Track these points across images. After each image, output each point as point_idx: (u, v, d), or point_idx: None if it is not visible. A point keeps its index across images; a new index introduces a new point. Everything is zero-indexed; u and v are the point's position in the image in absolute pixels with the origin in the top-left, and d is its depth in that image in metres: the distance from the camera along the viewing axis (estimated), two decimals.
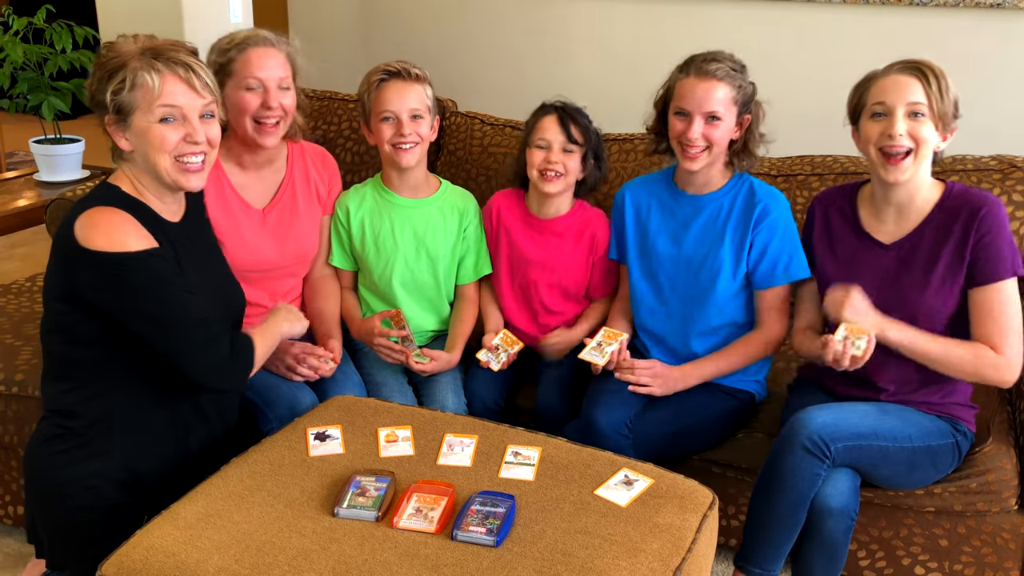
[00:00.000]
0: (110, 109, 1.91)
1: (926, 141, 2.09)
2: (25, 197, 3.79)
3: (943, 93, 2.09)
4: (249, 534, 1.73)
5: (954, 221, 2.14)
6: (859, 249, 2.24)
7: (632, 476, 1.93)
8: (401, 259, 2.56)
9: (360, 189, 2.63)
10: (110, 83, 1.90)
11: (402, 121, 2.46)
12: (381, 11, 4.65)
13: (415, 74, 2.49)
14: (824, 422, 2.05)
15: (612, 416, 2.25)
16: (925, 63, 2.12)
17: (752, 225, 2.33)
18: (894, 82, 2.12)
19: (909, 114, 2.09)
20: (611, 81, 4.04)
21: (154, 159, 1.93)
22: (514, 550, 1.71)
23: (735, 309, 2.41)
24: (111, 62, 1.91)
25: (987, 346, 2.11)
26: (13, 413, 2.55)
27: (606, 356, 2.32)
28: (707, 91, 2.26)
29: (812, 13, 3.75)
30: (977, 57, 3.52)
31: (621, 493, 1.88)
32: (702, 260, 2.38)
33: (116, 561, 1.70)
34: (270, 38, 2.40)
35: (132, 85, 1.89)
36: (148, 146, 1.92)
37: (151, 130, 1.91)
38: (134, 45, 1.93)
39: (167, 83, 1.90)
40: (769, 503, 2.09)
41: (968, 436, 2.22)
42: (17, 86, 3.87)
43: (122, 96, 1.90)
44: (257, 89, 2.34)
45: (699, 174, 2.36)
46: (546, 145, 2.49)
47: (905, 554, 2.33)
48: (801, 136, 3.16)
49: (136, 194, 1.98)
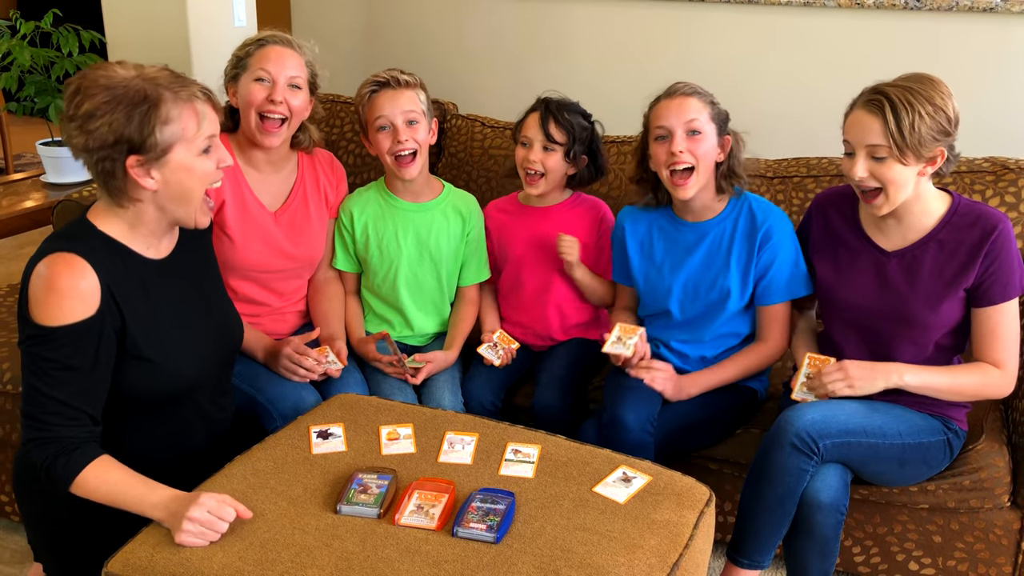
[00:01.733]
0: (146, 148, 1.75)
1: (893, 181, 2.05)
2: (32, 198, 3.81)
3: (905, 129, 1.99)
4: (252, 531, 1.74)
5: (961, 240, 2.11)
6: (860, 253, 2.23)
7: (630, 473, 1.94)
8: (404, 262, 2.58)
9: (363, 193, 2.65)
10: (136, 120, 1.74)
11: (398, 128, 2.47)
12: (384, 16, 4.65)
13: (405, 80, 2.50)
14: (812, 419, 2.06)
15: (639, 413, 2.26)
16: (888, 94, 2.01)
17: (757, 248, 2.34)
18: (857, 120, 2.06)
19: (868, 156, 2.05)
20: (610, 84, 4.05)
21: (189, 194, 1.83)
22: (514, 546, 1.72)
23: (742, 323, 2.43)
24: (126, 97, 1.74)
25: (990, 364, 2.12)
26: (20, 412, 2.56)
27: (630, 348, 2.32)
28: (681, 105, 2.28)
29: (807, 17, 3.75)
30: (971, 60, 3.52)
31: (620, 490, 1.89)
32: (710, 286, 2.38)
33: (121, 558, 1.71)
34: (291, 40, 2.43)
35: (172, 118, 1.76)
36: (187, 181, 1.81)
37: (195, 164, 1.81)
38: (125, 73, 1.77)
39: (206, 111, 1.81)
40: (758, 498, 2.11)
41: (960, 434, 2.23)
42: (24, 89, 3.88)
43: (163, 133, 1.76)
44: (266, 82, 2.36)
45: (695, 201, 2.36)
46: (528, 143, 2.52)
47: (899, 550, 2.35)
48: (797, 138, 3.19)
49: (117, 235, 1.85)
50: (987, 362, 2.13)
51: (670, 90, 2.33)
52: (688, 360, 2.45)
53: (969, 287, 2.12)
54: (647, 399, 2.29)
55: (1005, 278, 2.09)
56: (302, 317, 2.62)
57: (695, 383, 2.38)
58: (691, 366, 2.43)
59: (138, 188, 1.80)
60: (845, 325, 2.27)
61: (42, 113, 3.90)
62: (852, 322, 2.25)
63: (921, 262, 2.15)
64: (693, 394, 2.36)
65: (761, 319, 2.41)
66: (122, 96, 1.74)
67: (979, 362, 2.15)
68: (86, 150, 1.77)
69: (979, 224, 2.11)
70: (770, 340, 2.40)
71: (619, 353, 2.32)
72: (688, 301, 2.42)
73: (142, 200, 1.82)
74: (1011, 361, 2.13)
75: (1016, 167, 2.61)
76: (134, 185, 1.79)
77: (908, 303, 2.16)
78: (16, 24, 3.88)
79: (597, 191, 2.82)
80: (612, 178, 2.86)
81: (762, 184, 2.78)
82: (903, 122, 2.00)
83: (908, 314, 2.16)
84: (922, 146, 2.02)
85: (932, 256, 2.14)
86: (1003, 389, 2.15)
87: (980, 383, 2.13)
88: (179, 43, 3.50)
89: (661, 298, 2.44)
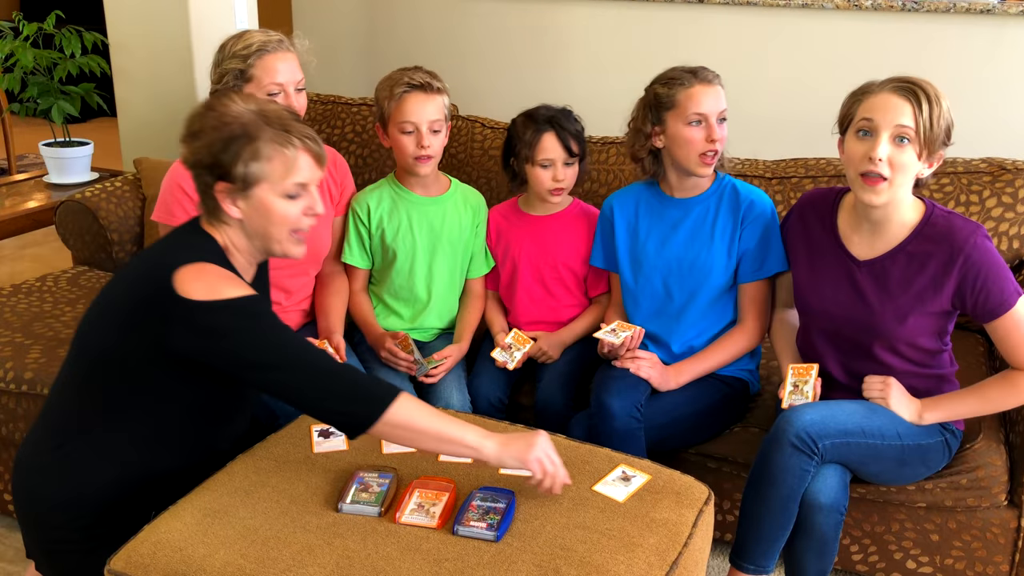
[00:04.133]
0: (233, 178, 1.80)
1: (904, 168, 2.03)
2: (35, 199, 3.82)
3: (934, 120, 2.00)
4: (254, 529, 1.75)
5: (931, 253, 2.08)
6: (833, 260, 2.21)
7: (630, 472, 1.95)
8: (420, 255, 2.61)
9: (376, 188, 2.67)
10: (231, 149, 1.78)
11: (422, 133, 2.49)
12: (385, 17, 4.65)
13: (436, 87, 2.52)
14: (812, 420, 2.06)
15: (624, 400, 2.27)
16: (921, 85, 2.02)
17: (740, 222, 2.38)
18: (885, 101, 2.03)
19: (894, 138, 2.02)
20: (608, 85, 4.05)
21: (271, 231, 1.86)
22: (514, 544, 1.72)
23: (726, 306, 2.45)
24: (229, 126, 1.79)
25: (1018, 369, 2.09)
26: (23, 411, 2.58)
27: (621, 338, 2.34)
28: (717, 95, 2.32)
29: (804, 18, 3.75)
30: (967, 62, 3.52)
31: (619, 489, 1.90)
32: (693, 261, 2.41)
33: (124, 556, 1.71)
34: (284, 41, 2.45)
35: (263, 156, 1.80)
36: (268, 219, 1.84)
37: (276, 204, 1.83)
38: (244, 107, 1.83)
39: (300, 159, 1.83)
40: (760, 500, 2.10)
41: (957, 435, 2.23)
42: (27, 90, 3.88)
43: (251, 167, 1.79)
44: (278, 95, 2.39)
45: (687, 179, 2.40)
46: (550, 164, 2.55)
47: (897, 548, 2.36)
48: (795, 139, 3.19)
49: (226, 251, 1.90)
50: (1018, 366, 2.09)
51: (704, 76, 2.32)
52: (675, 355, 2.46)
53: (947, 308, 2.10)
54: (632, 387, 2.31)
55: (997, 290, 2.05)
56: (306, 316, 2.64)
57: (682, 372, 2.40)
58: (681, 358, 2.45)
59: (225, 213, 1.85)
60: (820, 331, 2.26)
61: (45, 114, 3.91)
62: (825, 329, 2.25)
63: (889, 273, 2.14)
64: (681, 382, 2.39)
65: (741, 300, 2.44)
66: (229, 125, 1.80)
67: (1006, 372, 2.12)
68: (190, 165, 1.85)
69: (948, 240, 2.07)
70: (748, 322, 2.43)
71: (609, 340, 2.34)
72: (672, 276, 2.44)
73: (230, 225, 1.87)
74: None
75: (1013, 168, 2.62)
76: (221, 209, 1.85)
77: (875, 314, 2.15)
78: (19, 25, 3.88)
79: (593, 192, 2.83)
80: (612, 179, 2.86)
81: (760, 184, 2.78)
82: (933, 111, 2.00)
83: (875, 325, 2.15)
84: (936, 142, 2.03)
85: (901, 268, 2.13)
86: None
87: (1012, 392, 2.11)
88: (181, 44, 3.51)
89: (645, 274, 2.46)
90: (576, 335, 2.62)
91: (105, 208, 3.18)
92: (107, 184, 3.28)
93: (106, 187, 3.25)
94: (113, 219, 3.18)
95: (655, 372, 2.35)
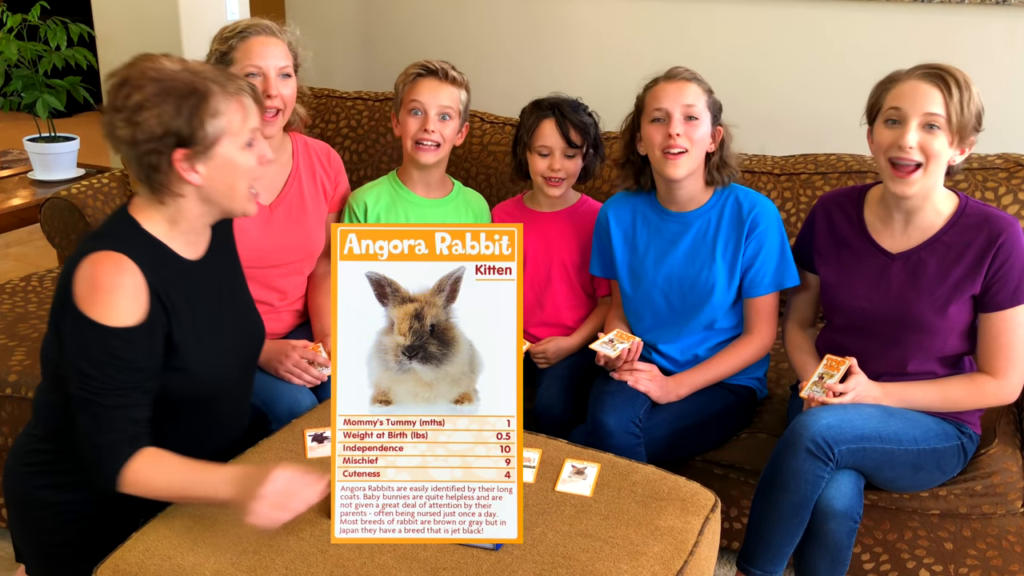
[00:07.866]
0: (195, 141, 1.73)
1: (937, 156, 2.03)
2: (19, 196, 3.80)
3: (964, 105, 2.00)
4: (246, 537, 1.72)
5: (968, 244, 2.09)
6: (864, 255, 2.21)
7: (579, 465, 1.94)
8: None
9: (375, 185, 2.64)
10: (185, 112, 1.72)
11: (428, 116, 2.49)
12: (380, 10, 4.64)
13: (452, 76, 2.53)
14: (828, 424, 2.03)
15: (620, 416, 2.24)
16: (950, 71, 2.03)
17: (744, 236, 2.33)
18: (913, 88, 2.04)
19: (924, 125, 2.02)
20: (611, 79, 4.01)
21: (235, 187, 1.81)
22: (514, 553, 1.70)
23: (730, 317, 2.41)
24: (177, 90, 1.72)
25: (985, 373, 2.12)
26: (7, 415, 2.55)
27: (617, 351, 2.30)
28: (680, 89, 2.28)
29: (814, 10, 3.74)
30: (982, 55, 3.51)
31: (580, 484, 1.89)
32: (695, 277, 2.37)
33: (111, 564, 1.69)
34: (272, 27, 2.42)
35: (220, 111, 1.74)
36: (233, 174, 1.79)
37: (238, 157, 1.78)
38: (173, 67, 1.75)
39: (247, 102, 1.79)
40: (772, 505, 2.08)
41: (974, 439, 2.21)
42: (11, 84, 3.89)
43: (211, 125, 1.73)
44: (257, 77, 2.35)
45: (682, 188, 2.34)
46: (548, 152, 2.52)
47: (910, 557, 2.32)
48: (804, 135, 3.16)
49: (159, 233, 1.83)
50: (987, 370, 2.12)
51: (670, 73, 2.33)
52: (679, 363, 2.42)
53: (976, 293, 2.10)
54: (628, 402, 2.27)
55: (1014, 283, 2.07)
56: (299, 316, 2.60)
57: (683, 383, 2.35)
58: (684, 368, 2.41)
59: (182, 183, 1.77)
60: (851, 329, 2.24)
61: (29, 108, 3.92)
62: (857, 326, 2.23)
63: (926, 265, 2.13)
64: (683, 394, 2.34)
65: (748, 312, 2.39)
66: (171, 88, 1.71)
67: (972, 374, 2.15)
68: (132, 143, 1.73)
69: (986, 227, 2.09)
70: (756, 333, 2.38)
71: (605, 353, 2.30)
72: (673, 292, 2.39)
73: (184, 195, 1.79)
74: (1011, 370, 2.11)
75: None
76: (178, 180, 1.77)
77: (912, 306, 2.14)
78: (3, 17, 3.91)
79: (596, 188, 2.80)
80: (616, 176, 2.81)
81: (769, 181, 2.78)
82: (963, 97, 2.01)
83: (913, 317, 2.14)
84: (968, 128, 2.03)
85: (937, 259, 2.12)
86: (1001, 397, 2.13)
87: (974, 395, 2.13)
88: (170, 36, 3.53)
89: (645, 288, 2.42)
90: (579, 344, 2.57)
91: (92, 206, 3.13)
92: (94, 181, 3.24)
93: (93, 184, 3.21)
94: (100, 217, 3.14)
95: (654, 385, 2.31)
